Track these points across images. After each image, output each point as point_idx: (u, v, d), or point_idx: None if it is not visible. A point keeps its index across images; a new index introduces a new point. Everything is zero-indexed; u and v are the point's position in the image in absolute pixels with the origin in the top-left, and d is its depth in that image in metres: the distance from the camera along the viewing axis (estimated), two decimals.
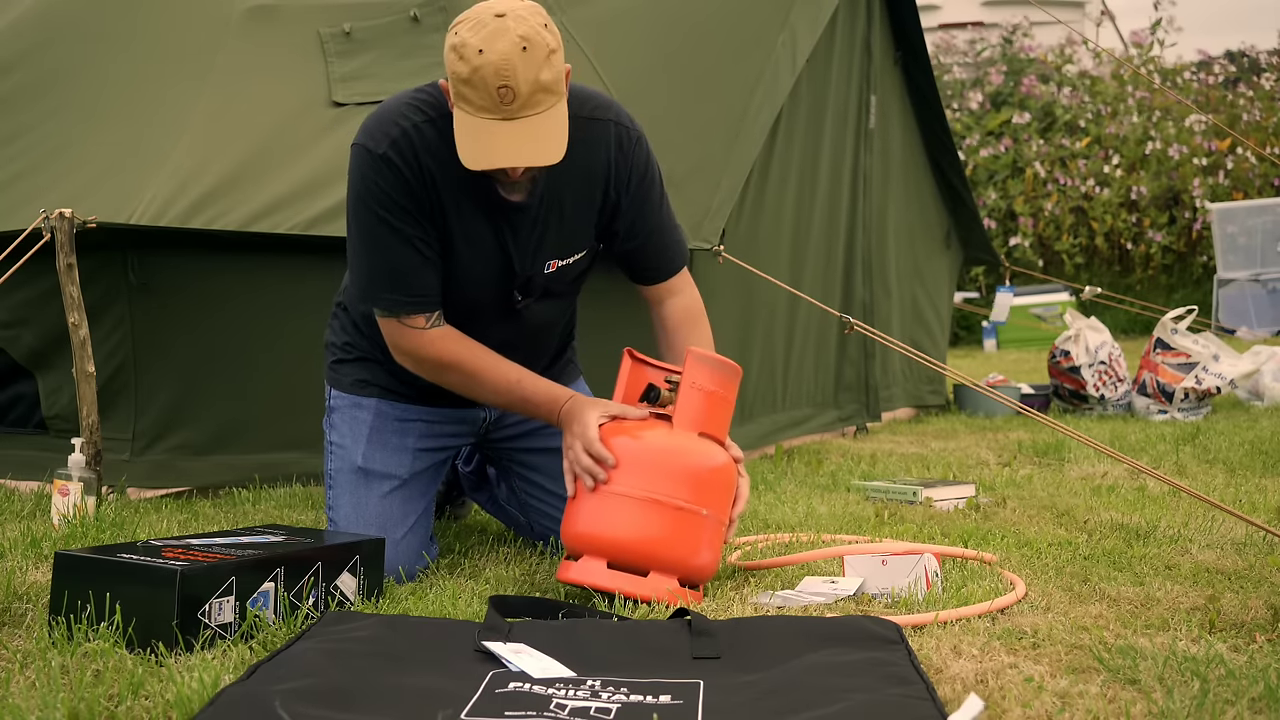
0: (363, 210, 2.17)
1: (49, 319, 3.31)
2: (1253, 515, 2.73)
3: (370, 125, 2.18)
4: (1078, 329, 5.51)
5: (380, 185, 2.14)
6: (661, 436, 2.12)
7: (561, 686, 1.55)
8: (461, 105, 2.03)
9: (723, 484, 2.14)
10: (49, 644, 1.76)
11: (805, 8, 3.93)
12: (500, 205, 2.19)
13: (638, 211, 2.32)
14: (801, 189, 4.26)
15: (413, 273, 2.18)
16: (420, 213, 2.16)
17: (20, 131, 3.67)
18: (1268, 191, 11.66)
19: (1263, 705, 1.50)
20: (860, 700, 1.46)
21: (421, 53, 3.63)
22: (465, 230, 2.21)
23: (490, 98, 1.99)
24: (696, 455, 2.11)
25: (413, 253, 2.16)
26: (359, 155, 2.16)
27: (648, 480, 2.08)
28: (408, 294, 2.19)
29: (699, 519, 2.09)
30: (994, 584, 2.16)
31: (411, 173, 2.14)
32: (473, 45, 1.98)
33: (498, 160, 2.02)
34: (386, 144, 2.13)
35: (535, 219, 2.24)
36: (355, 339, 2.45)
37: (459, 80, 2.00)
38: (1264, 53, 13.75)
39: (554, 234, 2.27)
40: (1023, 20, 14.21)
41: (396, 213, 2.14)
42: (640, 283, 2.42)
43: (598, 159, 2.25)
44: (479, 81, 1.98)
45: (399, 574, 2.30)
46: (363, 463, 2.40)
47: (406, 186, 2.14)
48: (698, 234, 3.21)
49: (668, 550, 2.07)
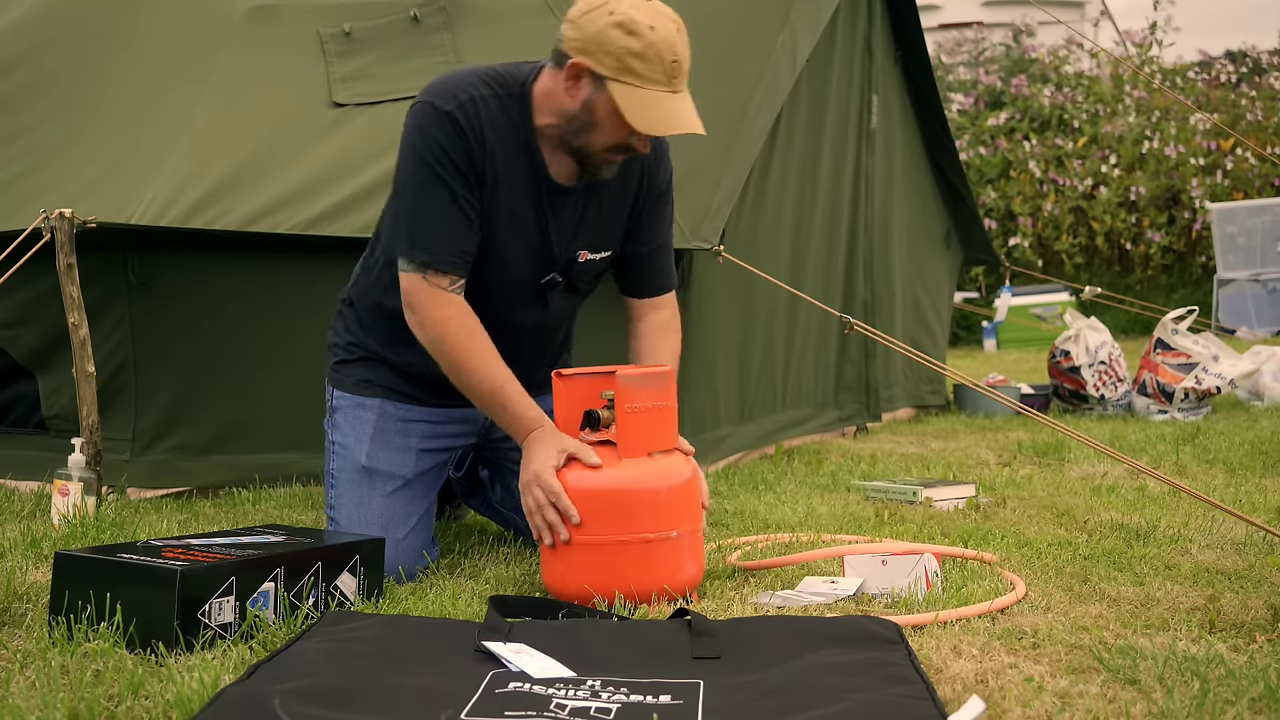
0: (417, 163, 2.22)
1: (49, 319, 3.31)
2: (1253, 515, 2.73)
3: (437, 86, 2.25)
4: (1078, 329, 5.51)
5: (440, 141, 2.20)
6: (615, 476, 2.10)
7: (561, 686, 1.55)
8: (626, 78, 2.11)
9: (685, 499, 2.14)
10: (49, 644, 1.76)
11: (805, 8, 3.93)
12: (547, 187, 2.28)
13: (653, 221, 2.43)
14: (802, 189, 4.26)
15: (452, 230, 2.22)
16: (472, 176, 2.22)
17: (21, 131, 3.67)
18: (1268, 191, 11.67)
19: (1263, 705, 1.50)
20: (860, 700, 1.46)
21: (422, 53, 3.63)
22: (510, 206, 2.26)
23: (664, 71, 2.11)
24: (652, 483, 2.10)
25: (457, 212, 2.21)
26: (424, 111, 2.22)
27: (612, 524, 2.08)
28: (442, 250, 2.21)
29: (672, 542, 2.10)
30: (994, 584, 2.16)
31: (473, 136, 2.20)
32: (643, 22, 2.10)
33: (683, 126, 2.14)
34: (454, 104, 2.21)
35: (576, 205, 2.31)
36: (359, 338, 2.46)
37: (630, 54, 2.09)
38: (1265, 53, 13.76)
39: (590, 224, 2.35)
40: (1025, 20, 14.21)
41: (450, 170, 2.20)
42: (631, 294, 2.48)
43: (635, 161, 2.34)
44: (653, 56, 2.09)
45: (399, 574, 2.30)
46: (366, 462, 2.40)
47: (465, 148, 2.20)
48: (698, 234, 3.21)
49: (651, 582, 2.08)
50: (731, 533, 2.74)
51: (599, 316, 2.77)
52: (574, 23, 2.16)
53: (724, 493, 3.28)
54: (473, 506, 2.80)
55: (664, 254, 2.48)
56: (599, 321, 2.80)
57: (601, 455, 2.13)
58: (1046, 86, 12.89)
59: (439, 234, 2.21)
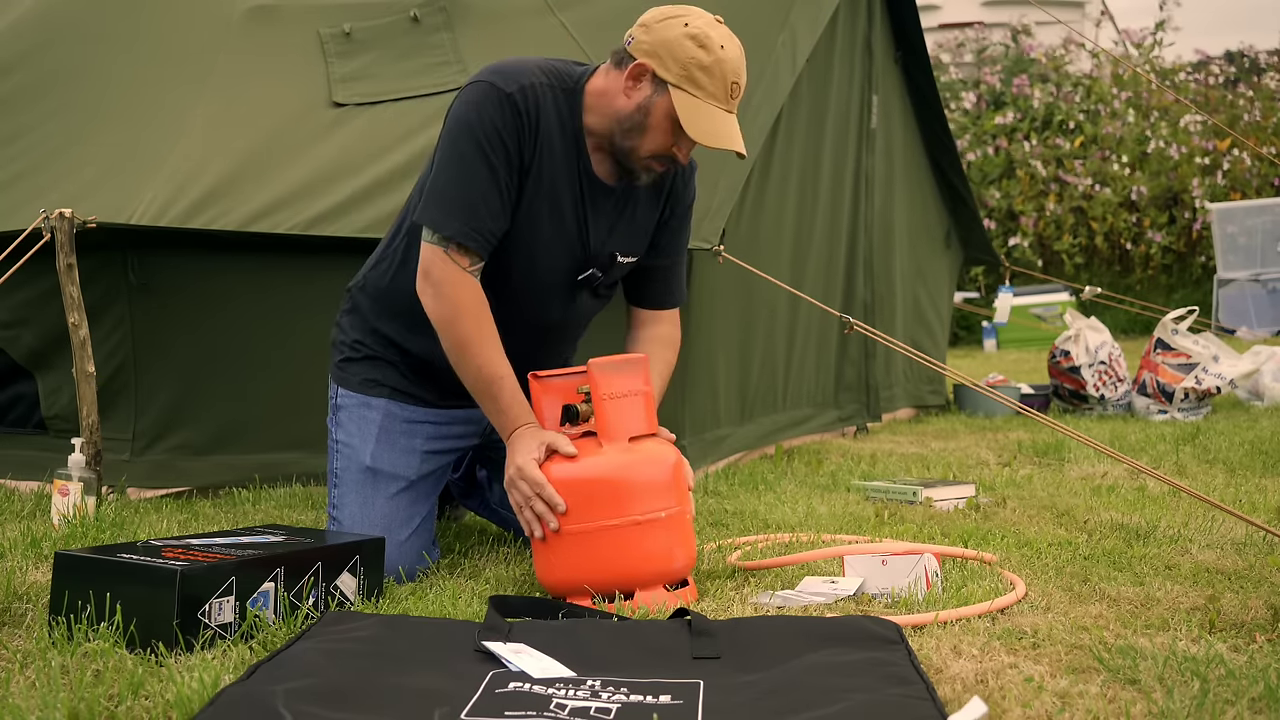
0: (467, 138, 2.22)
1: (49, 319, 3.31)
2: (1253, 515, 2.73)
3: (499, 68, 2.26)
4: (1078, 329, 5.51)
5: (494, 120, 2.21)
6: (597, 462, 2.12)
7: (561, 686, 1.55)
8: (689, 88, 2.17)
9: (670, 480, 2.15)
10: (49, 644, 1.76)
11: (805, 8, 3.93)
12: (589, 183, 2.30)
13: (674, 235, 2.47)
14: (803, 189, 4.26)
15: (486, 208, 2.22)
16: (517, 161, 2.24)
17: (21, 132, 3.68)
18: (1267, 191, 11.67)
19: (1263, 705, 1.50)
20: (860, 700, 1.46)
21: (422, 53, 3.63)
22: (552, 197, 2.28)
23: (725, 89, 2.18)
24: (635, 467, 2.12)
25: (495, 192, 2.22)
26: (483, 89, 2.23)
27: (599, 510, 2.09)
28: (469, 226, 2.21)
29: (660, 523, 2.10)
30: (994, 584, 2.16)
31: (527, 122, 2.23)
32: (715, 39, 2.17)
33: (733, 143, 2.20)
34: (515, 88, 2.22)
35: (614, 205, 2.34)
36: (366, 336, 2.46)
37: (697, 66, 2.15)
38: (1264, 52, 13.75)
39: (624, 226, 2.37)
40: (1023, 20, 14.21)
41: (499, 150, 2.21)
42: (637, 304, 2.50)
43: (668, 175, 2.38)
44: (719, 73, 2.16)
45: (399, 574, 2.30)
46: (371, 462, 2.40)
47: (517, 131, 2.22)
48: (698, 234, 3.20)
49: (643, 566, 2.09)
50: (731, 533, 2.74)
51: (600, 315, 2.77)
52: (646, 27, 2.20)
53: (724, 493, 3.28)
54: (470, 508, 2.79)
55: (675, 270, 2.51)
56: (597, 320, 2.79)
57: (584, 445, 2.15)
58: (1047, 86, 12.89)
59: (474, 209, 2.21)
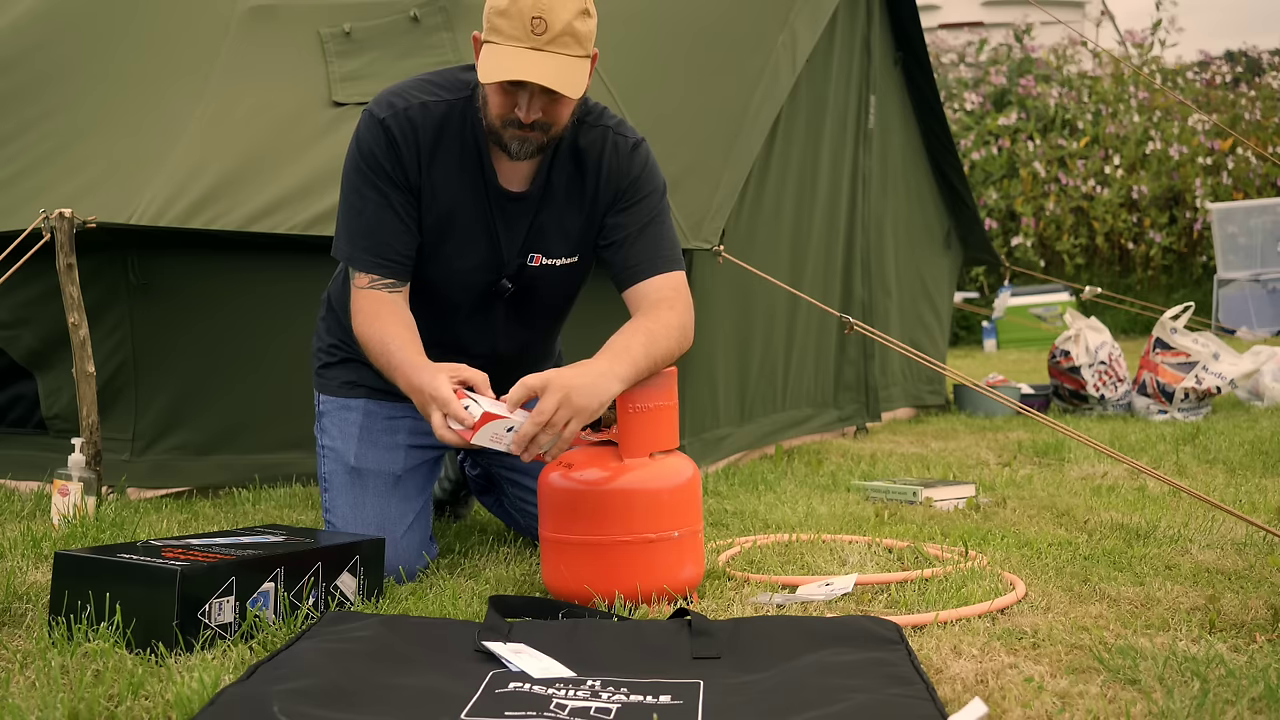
0: (353, 168, 2.27)
1: (49, 319, 3.31)
2: (1253, 515, 2.73)
3: (383, 95, 2.28)
4: (1078, 329, 5.51)
5: (372, 147, 2.23)
6: (617, 476, 2.10)
7: (561, 686, 1.55)
8: (492, 38, 2.06)
9: (687, 500, 2.13)
10: (49, 644, 1.76)
11: (805, 8, 3.93)
12: (496, 194, 2.26)
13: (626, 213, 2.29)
14: (801, 189, 4.26)
15: (384, 231, 2.24)
16: (403, 181, 2.23)
17: (20, 131, 3.67)
18: (1268, 191, 11.67)
19: (1263, 705, 1.50)
20: (860, 700, 1.45)
21: (421, 52, 3.63)
22: (456, 211, 2.26)
23: (523, 27, 2.03)
24: (654, 484, 2.09)
25: (391, 214, 2.24)
26: (364, 118, 2.27)
27: (614, 524, 2.07)
28: (371, 253, 2.24)
29: (673, 542, 2.09)
30: (994, 584, 2.16)
31: (405, 143, 2.22)
32: None
33: (513, 73, 2.02)
34: (389, 112, 2.23)
35: (529, 210, 2.29)
36: (341, 339, 2.47)
37: (495, 13, 2.05)
38: (1265, 52, 13.75)
39: (545, 229, 2.31)
40: (1026, 20, 14.21)
41: (381, 175, 2.23)
42: (622, 286, 2.31)
43: (593, 161, 2.29)
44: (515, 12, 2.03)
45: (399, 573, 2.30)
46: (355, 462, 2.40)
47: (396, 155, 2.22)
48: (698, 234, 3.21)
49: (652, 582, 2.08)
50: (731, 533, 2.74)
51: (597, 311, 2.77)
52: None
53: (724, 493, 3.28)
54: (485, 504, 2.81)
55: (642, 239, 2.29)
56: (594, 316, 2.80)
57: (603, 455, 2.13)
58: (1052, 87, 12.89)
59: (372, 234, 2.24)
